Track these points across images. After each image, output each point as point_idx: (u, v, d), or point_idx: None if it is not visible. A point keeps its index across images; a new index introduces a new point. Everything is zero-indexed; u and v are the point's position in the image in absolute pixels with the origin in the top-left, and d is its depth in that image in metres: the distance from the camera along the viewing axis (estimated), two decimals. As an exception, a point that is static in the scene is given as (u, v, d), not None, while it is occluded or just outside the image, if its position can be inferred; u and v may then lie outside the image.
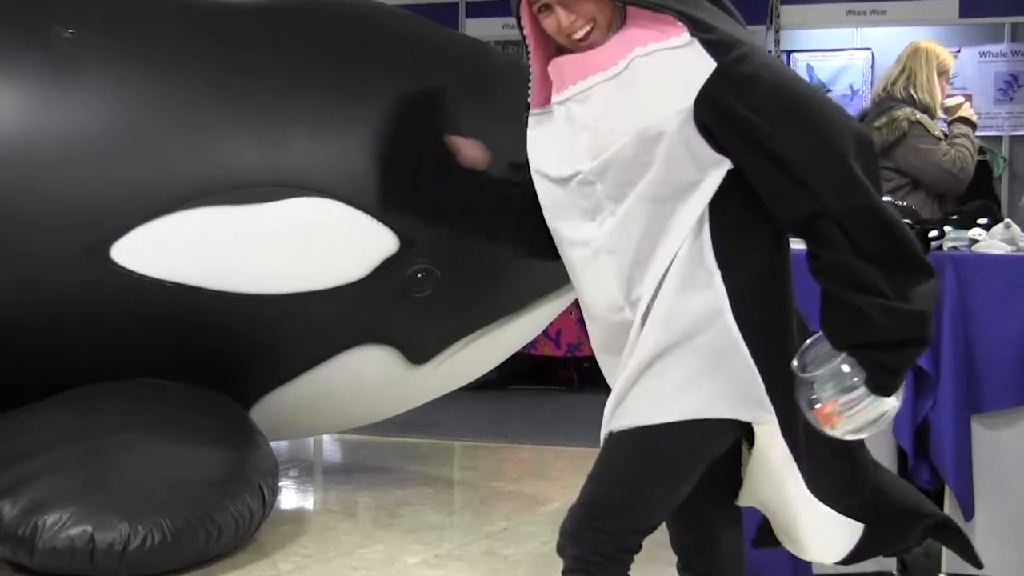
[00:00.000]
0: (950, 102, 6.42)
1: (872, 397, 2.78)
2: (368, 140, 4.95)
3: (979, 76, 11.15)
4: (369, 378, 5.20)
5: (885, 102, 6.43)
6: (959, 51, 10.04)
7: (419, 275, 4.93)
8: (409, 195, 4.96)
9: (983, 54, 11.20)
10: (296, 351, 5.07)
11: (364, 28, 5.31)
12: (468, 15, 12.18)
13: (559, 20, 2.83)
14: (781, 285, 2.98)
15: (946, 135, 6.40)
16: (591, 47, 2.84)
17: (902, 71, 6.45)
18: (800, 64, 12.35)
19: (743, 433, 2.94)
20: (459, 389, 5.88)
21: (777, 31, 11.45)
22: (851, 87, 12.34)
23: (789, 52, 12.07)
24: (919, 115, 6.23)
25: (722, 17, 2.85)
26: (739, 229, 2.83)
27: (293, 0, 5.49)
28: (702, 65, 2.72)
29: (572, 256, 2.98)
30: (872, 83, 11.99)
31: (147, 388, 4.88)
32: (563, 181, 2.90)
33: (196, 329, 4.85)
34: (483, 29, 11.74)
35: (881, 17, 11.30)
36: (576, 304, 3.54)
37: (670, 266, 2.80)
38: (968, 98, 6.59)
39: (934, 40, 6.91)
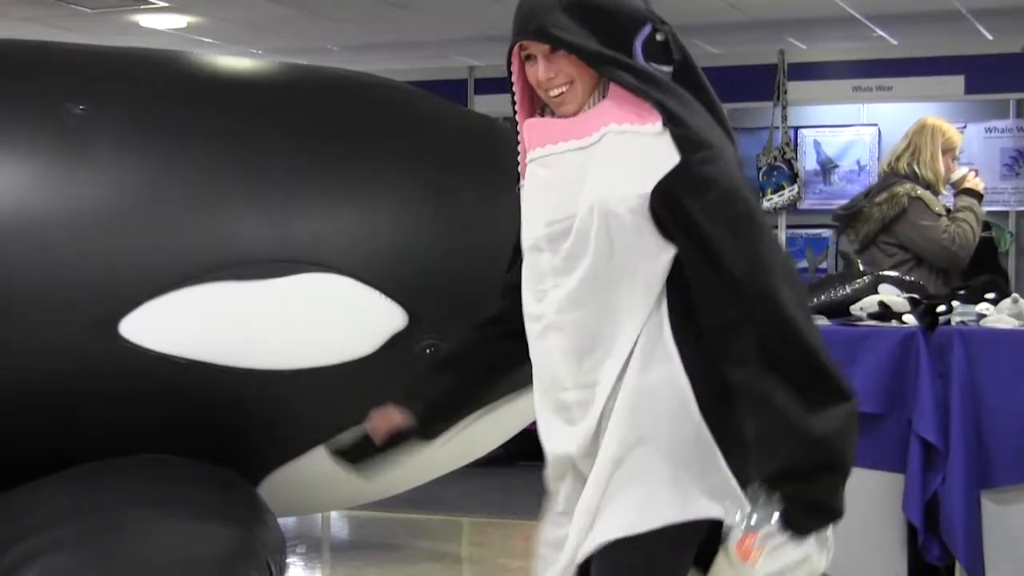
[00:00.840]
0: (956, 175, 6.45)
1: (789, 535, 2.66)
2: (376, 215, 4.97)
3: (985, 152, 11.20)
4: (377, 454, 5.19)
5: (889, 177, 6.46)
6: (965, 127, 10.07)
7: (428, 350, 4.93)
8: (417, 270, 4.97)
9: (989, 130, 11.25)
10: (304, 427, 5.06)
11: (373, 104, 5.34)
12: (477, 91, 12.25)
13: (539, 72, 2.87)
14: None
15: (949, 210, 6.41)
16: (567, 108, 2.89)
17: (907, 147, 6.48)
18: (807, 140, 12.39)
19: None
20: (467, 465, 5.87)
21: (784, 107, 11.50)
22: (858, 163, 12.37)
23: (796, 128, 12.11)
24: (920, 191, 6.25)
25: (701, 114, 2.90)
26: (692, 312, 2.83)
27: (303, 75, 5.53)
28: (667, 158, 2.77)
29: (527, 329, 3.02)
30: (879, 159, 12.02)
31: (154, 464, 4.87)
32: (528, 247, 2.96)
33: (204, 404, 4.84)
34: (492, 105, 11.79)
35: (887, 93, 11.35)
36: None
37: (630, 355, 2.81)
38: (975, 173, 6.60)
39: (941, 116, 6.95)
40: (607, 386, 2.83)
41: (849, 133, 12.44)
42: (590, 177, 2.83)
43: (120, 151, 4.96)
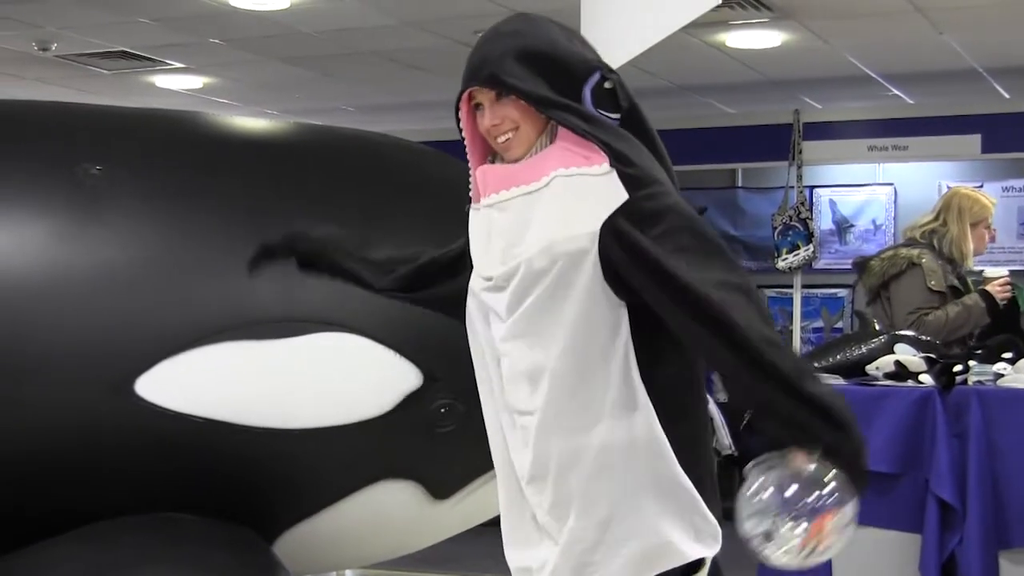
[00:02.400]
0: (992, 273, 6.33)
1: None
2: (391, 274, 4.97)
3: (1002, 210, 11.17)
4: (392, 512, 5.18)
5: (909, 240, 6.43)
6: (982, 186, 10.07)
7: (442, 410, 4.92)
8: (432, 329, 4.96)
9: (1006, 189, 11.24)
10: (319, 485, 5.05)
11: (386, 164, 5.36)
12: (491, 151, 12.25)
13: (485, 119, 2.94)
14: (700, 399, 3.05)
15: (956, 288, 6.31)
16: (514, 153, 2.94)
17: (934, 220, 6.43)
18: (823, 199, 12.40)
19: None
20: (482, 523, 5.85)
21: (799, 167, 11.51)
22: (874, 222, 12.37)
23: (812, 187, 12.12)
24: (926, 260, 6.20)
25: (645, 155, 2.94)
26: (655, 350, 2.87)
27: (317, 135, 5.55)
28: (615, 196, 2.81)
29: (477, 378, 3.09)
30: (895, 218, 12.03)
31: (169, 522, 4.86)
32: (475, 290, 3.00)
33: (219, 463, 4.84)
34: (506, 165, 11.83)
35: (903, 152, 11.35)
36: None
37: (603, 409, 2.84)
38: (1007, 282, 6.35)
39: (957, 175, 6.92)
40: (573, 439, 2.85)
41: (865, 192, 12.45)
42: (538, 220, 2.85)
43: (135, 212, 4.97)
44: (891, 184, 12.34)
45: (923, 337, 5.74)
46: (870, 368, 5.39)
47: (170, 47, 10.08)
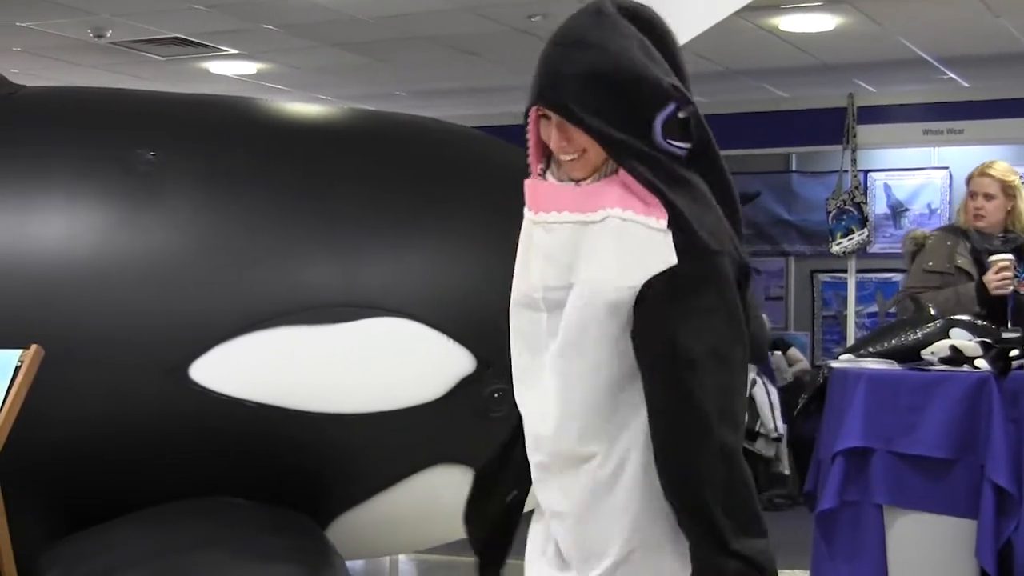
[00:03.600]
0: (995, 258, 6.19)
1: None
2: (445, 260, 4.98)
3: (1057, 194, 11.09)
4: (444, 498, 5.18)
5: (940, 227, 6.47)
6: (1036, 169, 9.99)
7: (495, 395, 4.92)
8: (486, 315, 4.97)
9: (1061, 172, 11.13)
10: (373, 470, 5.07)
11: (441, 149, 5.36)
12: (543, 136, 12.24)
13: (552, 138, 2.86)
14: None
15: (979, 263, 6.23)
16: (576, 174, 2.85)
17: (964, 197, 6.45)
18: (877, 184, 12.34)
19: None
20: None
21: (854, 151, 11.45)
22: (929, 206, 12.31)
23: (866, 172, 12.06)
24: (931, 240, 6.20)
25: (710, 207, 2.86)
26: None
27: (373, 120, 5.55)
28: (663, 258, 2.73)
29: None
30: (950, 202, 11.97)
31: (224, 506, 4.89)
32: (520, 302, 2.93)
33: (274, 447, 4.86)
34: (559, 150, 11.81)
35: (959, 136, 11.28)
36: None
37: (627, 452, 2.83)
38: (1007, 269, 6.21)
39: (1013, 158, 6.88)
40: (607, 465, 2.83)
41: (920, 176, 12.38)
42: (586, 255, 2.79)
43: (190, 197, 4.99)
44: (946, 168, 12.27)
45: (979, 322, 5.69)
46: (925, 353, 5.36)
47: (224, 33, 10.11)
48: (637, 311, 2.73)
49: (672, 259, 2.72)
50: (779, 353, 12.00)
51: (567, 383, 2.82)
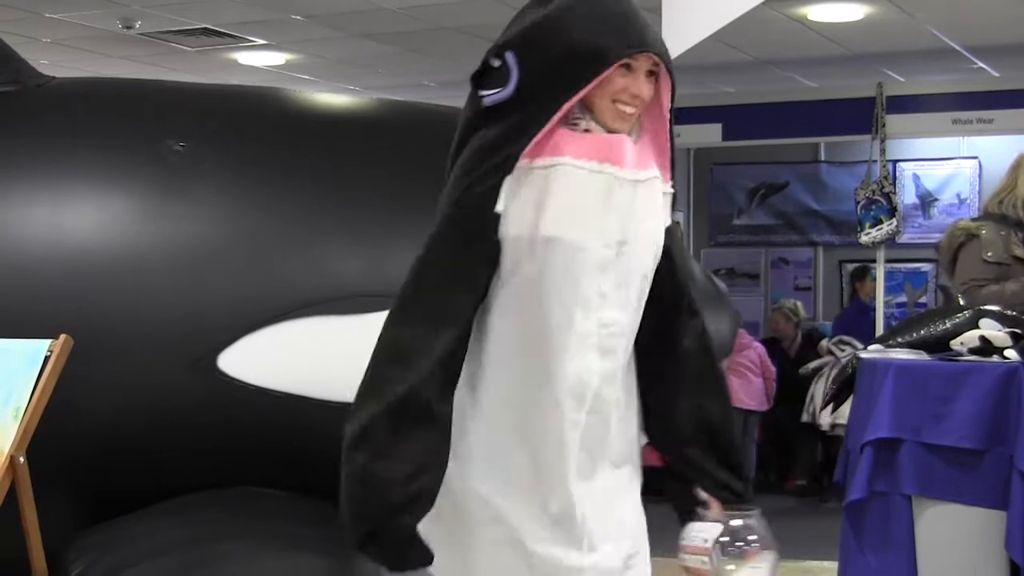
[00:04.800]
0: None
1: None
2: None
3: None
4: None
5: (980, 216, 6.37)
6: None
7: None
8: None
9: (1092, 161, 11.07)
10: (399, 460, 5.06)
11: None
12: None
13: (640, 88, 2.91)
14: None
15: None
16: (624, 127, 2.95)
17: (1006, 185, 6.34)
18: (906, 173, 12.33)
19: None
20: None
21: (883, 141, 11.42)
22: (958, 196, 12.29)
23: (895, 161, 12.03)
24: (985, 230, 6.10)
25: None
26: None
27: (401, 111, 5.55)
28: (666, 216, 3.04)
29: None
30: (980, 192, 11.94)
31: (249, 496, 4.90)
32: (600, 248, 2.94)
33: (300, 437, 4.86)
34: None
35: (988, 126, 11.22)
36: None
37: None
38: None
39: (1040, 149, 6.79)
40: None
41: (949, 166, 12.36)
42: (647, 210, 2.96)
43: (219, 188, 5.00)
44: (975, 158, 12.25)
45: (1009, 312, 5.66)
46: (954, 343, 5.34)
47: (252, 24, 10.13)
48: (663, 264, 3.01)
49: (669, 218, 3.03)
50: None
51: (630, 334, 3.00)
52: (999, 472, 4.98)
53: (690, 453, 3.12)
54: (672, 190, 3.04)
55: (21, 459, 4.50)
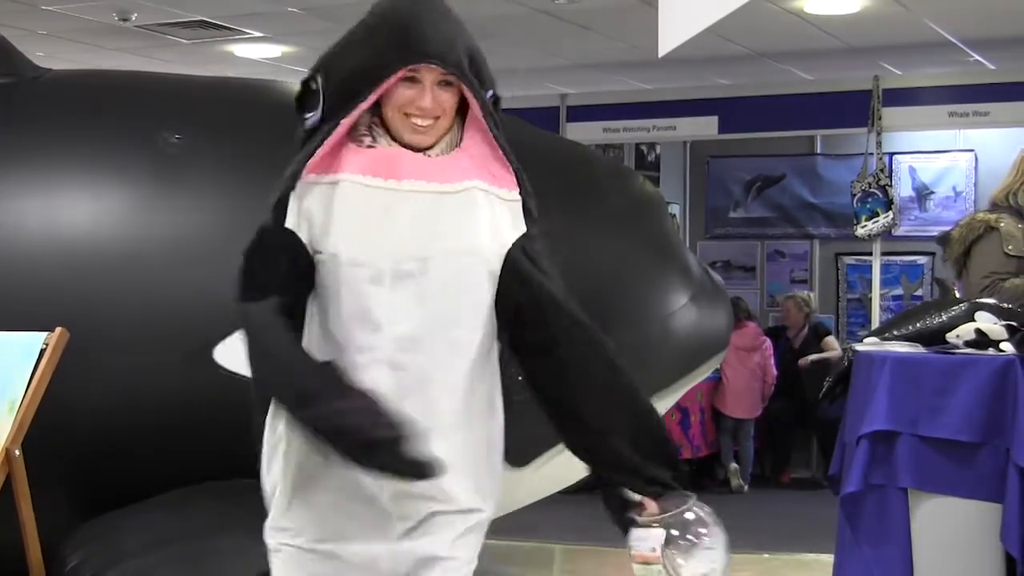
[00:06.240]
0: None
1: None
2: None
3: (1085, 177, 11.01)
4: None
5: (992, 207, 6.31)
6: (1063, 152, 9.93)
7: (519, 378, 4.92)
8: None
9: (1089, 154, 11.06)
10: (396, 453, 5.06)
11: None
12: (569, 119, 12.27)
13: (424, 100, 2.91)
14: None
15: None
16: (423, 140, 2.95)
17: (1016, 178, 6.29)
18: (902, 166, 12.31)
19: None
20: (558, 492, 5.85)
21: (879, 133, 11.40)
22: (954, 189, 12.28)
23: (891, 154, 12.01)
24: (1004, 223, 6.06)
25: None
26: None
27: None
28: (517, 225, 2.99)
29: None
30: (976, 185, 11.92)
31: (244, 489, 4.88)
32: (388, 271, 2.91)
33: (296, 431, 4.86)
34: (584, 132, 11.82)
35: (984, 119, 11.20)
36: (677, 407, 3.58)
37: (476, 405, 3.15)
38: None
39: (1037, 141, 6.75)
40: (454, 433, 2.98)
41: (945, 159, 12.35)
42: (449, 226, 2.91)
43: (214, 180, 5.00)
44: (972, 151, 12.23)
45: (1004, 304, 5.65)
46: (950, 336, 5.34)
47: (248, 16, 10.11)
48: (505, 277, 2.95)
49: (522, 228, 2.99)
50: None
51: (425, 352, 2.93)
52: (995, 465, 4.98)
53: (608, 456, 3.09)
54: (518, 198, 3.02)
55: (16, 452, 4.50)
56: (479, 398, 3.04)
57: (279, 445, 3.06)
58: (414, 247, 2.89)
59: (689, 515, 2.98)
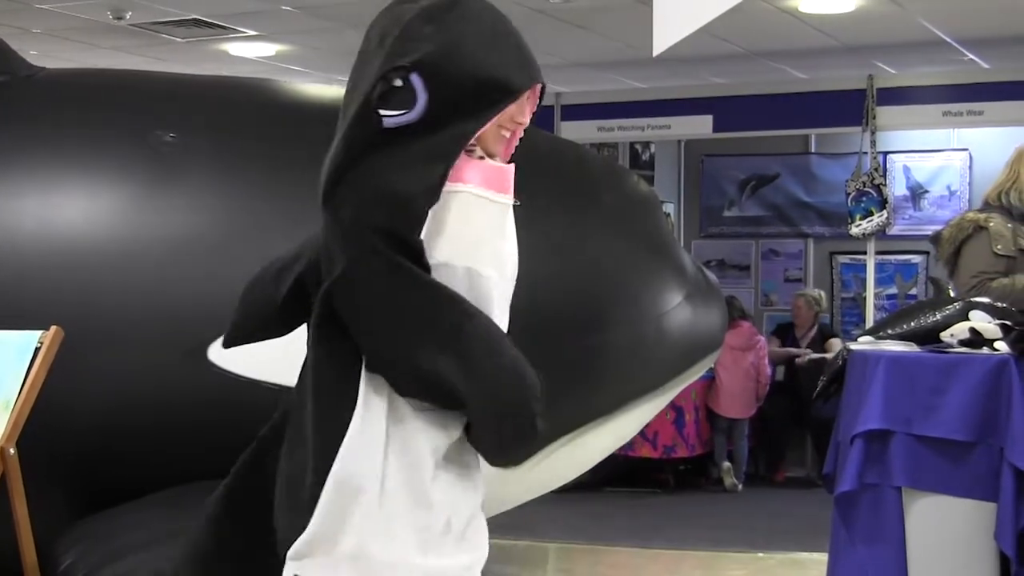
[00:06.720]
0: None
1: None
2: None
3: (1079, 176, 11.01)
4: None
5: (983, 206, 6.32)
6: (1057, 151, 9.93)
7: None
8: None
9: (1082, 154, 11.06)
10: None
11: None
12: (563, 118, 12.27)
13: (525, 116, 2.98)
14: None
15: None
16: (506, 153, 3.00)
17: (1007, 177, 6.29)
18: (897, 165, 12.32)
19: None
20: (554, 491, 5.86)
21: (873, 132, 11.41)
22: (948, 188, 12.28)
23: (886, 153, 12.02)
24: (993, 222, 6.06)
25: None
26: None
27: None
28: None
29: None
30: (970, 184, 11.92)
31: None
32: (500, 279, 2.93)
33: (291, 429, 4.86)
34: (578, 131, 11.82)
35: (979, 118, 11.21)
36: (672, 406, 3.57)
37: None
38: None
39: (1031, 141, 6.75)
40: None
41: (939, 158, 12.35)
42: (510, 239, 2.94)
43: (209, 179, 5.00)
44: (966, 150, 12.23)
45: (999, 304, 5.66)
46: (945, 335, 5.34)
47: (243, 15, 10.10)
48: None
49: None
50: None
51: None
52: (989, 464, 4.99)
53: None
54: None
55: (11, 451, 4.49)
56: None
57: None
58: (516, 262, 2.93)
59: None
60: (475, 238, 2.89)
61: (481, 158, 2.93)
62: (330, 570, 2.76)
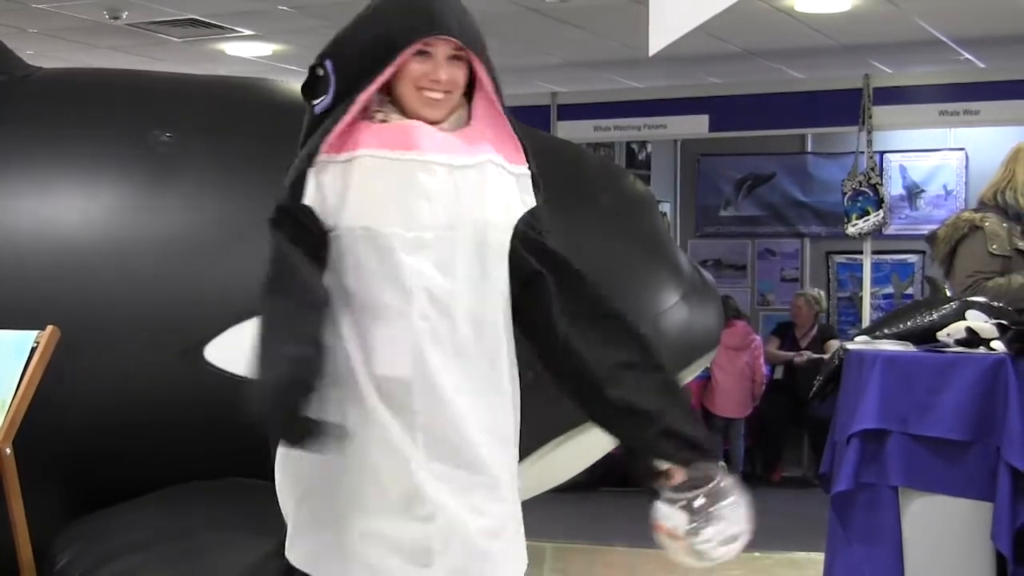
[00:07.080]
0: None
1: None
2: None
3: (1075, 176, 11.00)
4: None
5: (979, 205, 6.32)
6: (1054, 150, 9.93)
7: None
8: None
9: (1078, 154, 11.06)
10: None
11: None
12: (559, 117, 12.27)
13: (439, 72, 2.99)
14: None
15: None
16: (435, 114, 3.02)
17: (1003, 176, 6.29)
18: (893, 165, 12.33)
19: None
20: (550, 490, 5.85)
21: (869, 132, 11.41)
22: (944, 187, 12.29)
23: (882, 153, 12.03)
24: (989, 223, 6.06)
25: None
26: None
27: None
28: (525, 199, 3.09)
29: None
30: (967, 183, 11.93)
31: (238, 487, 4.90)
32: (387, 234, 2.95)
33: (287, 429, 4.86)
34: (574, 131, 11.82)
35: (975, 117, 11.21)
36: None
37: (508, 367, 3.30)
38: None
39: (1028, 140, 6.75)
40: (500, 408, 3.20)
41: (935, 158, 12.36)
42: (469, 197, 2.98)
43: (205, 179, 5.00)
44: (962, 149, 12.24)
45: (995, 303, 5.66)
46: (941, 335, 5.35)
47: (240, 14, 10.10)
48: (517, 250, 3.04)
49: (531, 201, 3.09)
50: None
51: (483, 308, 3.03)
52: (986, 463, 4.99)
53: (640, 422, 3.09)
54: (528, 171, 3.12)
55: (7, 450, 4.49)
56: (506, 367, 3.14)
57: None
58: (439, 217, 2.95)
59: (720, 485, 3.06)
60: (377, 197, 2.96)
61: (383, 122, 3.01)
62: None
